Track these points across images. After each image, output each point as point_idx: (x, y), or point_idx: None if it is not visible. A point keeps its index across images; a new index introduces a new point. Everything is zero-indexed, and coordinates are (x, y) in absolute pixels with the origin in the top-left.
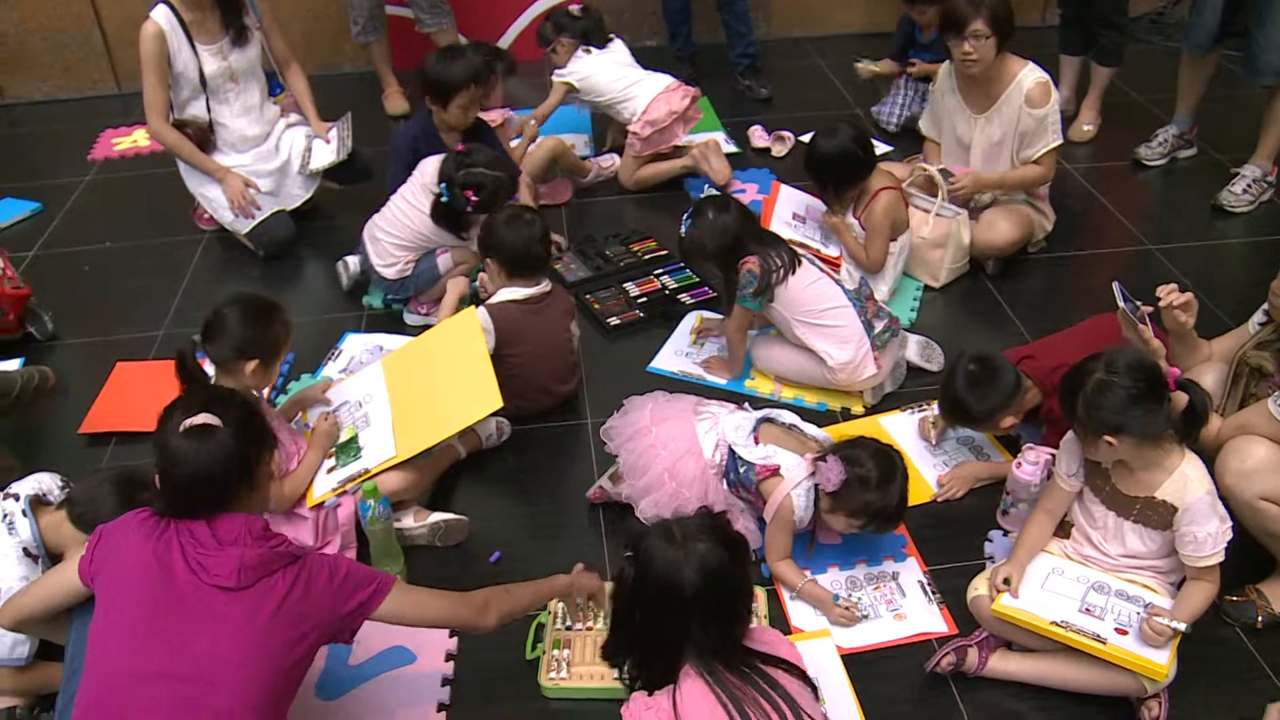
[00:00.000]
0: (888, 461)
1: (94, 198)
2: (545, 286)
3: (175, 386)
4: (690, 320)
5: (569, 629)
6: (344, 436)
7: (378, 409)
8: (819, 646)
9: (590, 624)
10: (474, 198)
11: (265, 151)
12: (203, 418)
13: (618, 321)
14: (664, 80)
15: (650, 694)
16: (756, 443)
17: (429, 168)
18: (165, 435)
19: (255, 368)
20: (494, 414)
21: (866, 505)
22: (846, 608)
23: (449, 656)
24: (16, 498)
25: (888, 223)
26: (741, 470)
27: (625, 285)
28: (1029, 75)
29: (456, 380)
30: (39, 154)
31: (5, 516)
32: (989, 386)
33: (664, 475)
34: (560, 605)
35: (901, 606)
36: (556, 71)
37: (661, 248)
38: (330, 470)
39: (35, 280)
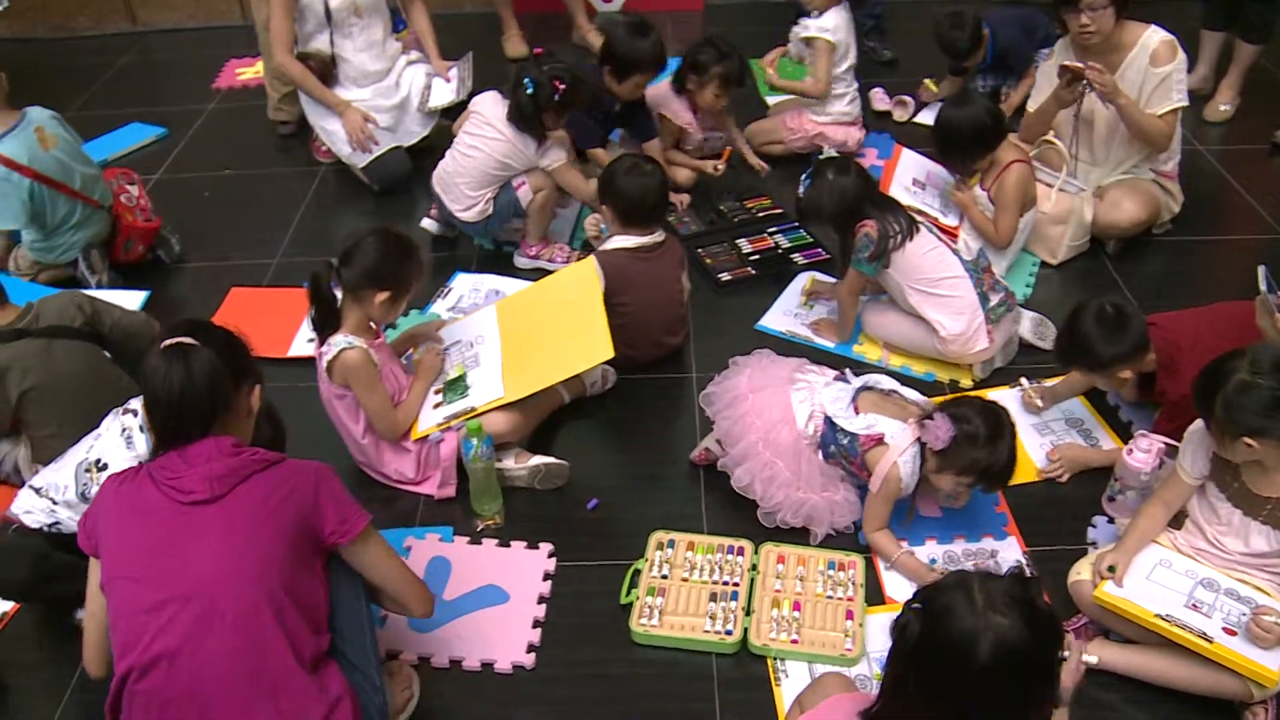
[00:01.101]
0: (995, 418)
1: (216, 126)
2: (658, 236)
3: (287, 312)
4: (801, 280)
5: (664, 577)
6: (452, 374)
7: (488, 351)
8: None
9: (686, 575)
10: (562, 85)
11: (385, 87)
12: (183, 338)
13: (728, 277)
14: (855, 107)
15: None
16: (856, 413)
17: (486, 102)
18: (146, 359)
19: (385, 299)
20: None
21: (975, 462)
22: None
23: (541, 599)
24: (135, 413)
25: (1019, 197)
26: (844, 442)
27: (738, 241)
28: (1154, 36)
29: (569, 327)
30: (166, 81)
31: (124, 431)
32: (1120, 332)
33: (758, 444)
34: (657, 553)
35: None
36: (816, 25)
37: (776, 206)
38: (436, 406)
39: (157, 203)
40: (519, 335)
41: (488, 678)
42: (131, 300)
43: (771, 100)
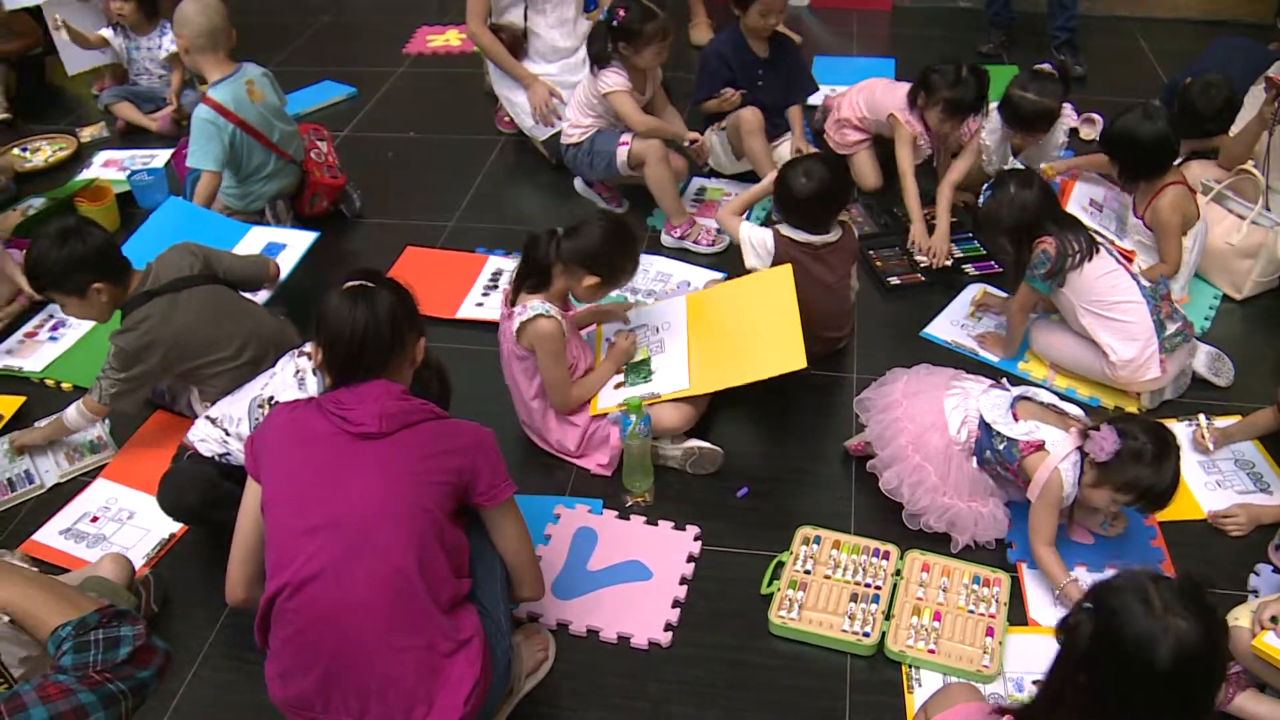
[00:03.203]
0: (1163, 438)
1: (404, 89)
2: (830, 237)
3: (458, 274)
4: (971, 291)
5: (807, 573)
6: (637, 357)
7: (674, 340)
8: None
9: (829, 573)
10: (622, 13)
11: (573, 64)
12: (363, 280)
13: (897, 281)
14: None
15: None
16: (1016, 419)
17: None
18: (326, 300)
19: (594, 283)
20: None
21: (1136, 480)
22: None
23: (683, 580)
24: (309, 356)
25: (1178, 218)
26: (1001, 447)
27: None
28: None
29: (763, 331)
30: (360, 43)
31: (298, 373)
32: None
33: (908, 448)
34: (802, 547)
35: None
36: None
37: (952, 215)
38: (618, 386)
39: (343, 160)
40: (708, 330)
41: (623, 651)
42: (301, 240)
43: None
